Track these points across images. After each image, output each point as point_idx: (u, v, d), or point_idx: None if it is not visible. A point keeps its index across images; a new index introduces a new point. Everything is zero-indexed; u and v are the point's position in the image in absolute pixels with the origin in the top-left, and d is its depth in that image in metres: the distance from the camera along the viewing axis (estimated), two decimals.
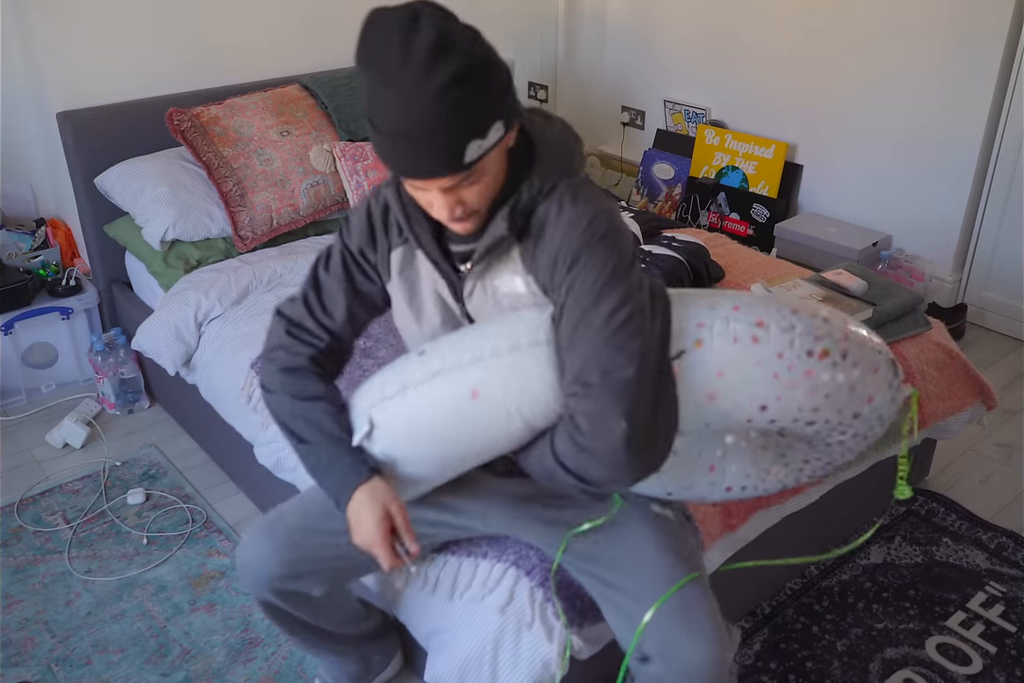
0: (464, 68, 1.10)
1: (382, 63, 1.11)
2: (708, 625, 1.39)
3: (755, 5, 3.58)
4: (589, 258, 1.22)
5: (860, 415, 1.34)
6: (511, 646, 1.52)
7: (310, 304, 1.45)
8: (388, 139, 1.14)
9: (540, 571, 1.56)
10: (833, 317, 1.34)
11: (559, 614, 1.52)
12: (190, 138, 2.66)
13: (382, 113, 1.12)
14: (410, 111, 1.10)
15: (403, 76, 1.09)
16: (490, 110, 1.14)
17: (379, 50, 1.11)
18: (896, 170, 3.38)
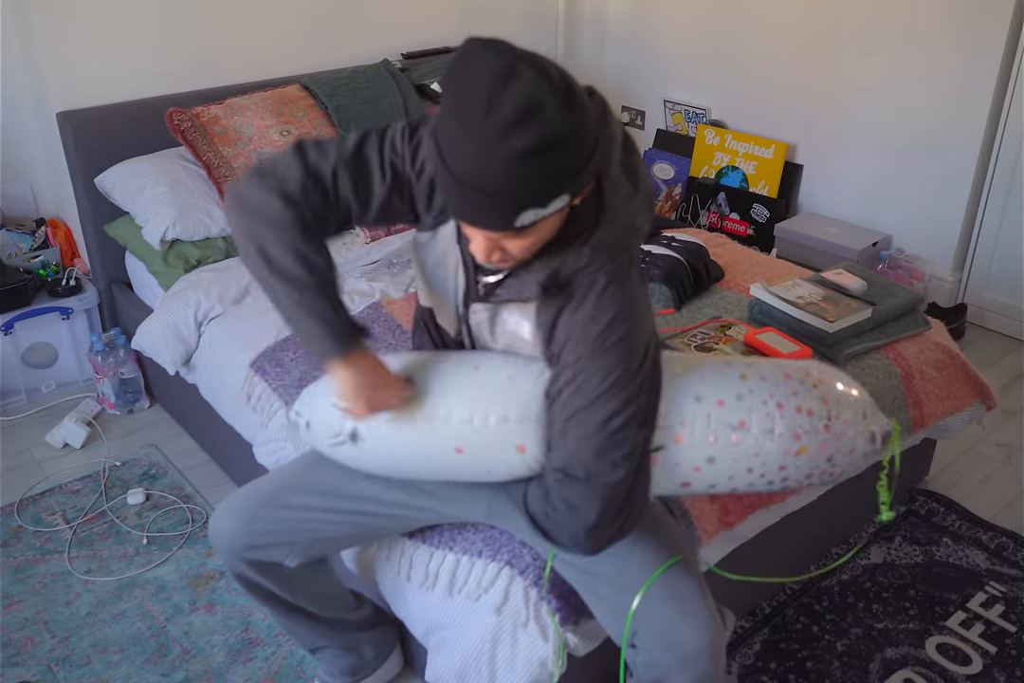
0: (544, 139, 1.05)
1: (466, 110, 1.06)
2: (700, 608, 1.40)
3: (755, 6, 3.58)
4: (599, 359, 1.24)
5: (834, 474, 1.43)
6: (508, 646, 1.53)
7: (345, 166, 1.30)
8: (452, 180, 1.11)
9: (534, 570, 1.56)
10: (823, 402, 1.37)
11: (550, 616, 1.53)
12: (190, 138, 2.66)
13: (453, 156, 1.09)
14: (480, 166, 1.07)
15: (483, 131, 1.05)
16: (559, 185, 1.10)
17: (466, 95, 1.07)
18: (896, 170, 3.38)
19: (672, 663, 1.40)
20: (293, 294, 1.29)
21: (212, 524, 1.58)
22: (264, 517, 1.55)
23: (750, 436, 1.34)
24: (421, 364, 1.44)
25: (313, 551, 1.59)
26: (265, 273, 1.30)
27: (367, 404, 1.36)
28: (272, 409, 2.07)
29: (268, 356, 2.17)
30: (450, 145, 1.09)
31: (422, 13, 3.44)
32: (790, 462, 1.36)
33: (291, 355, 2.15)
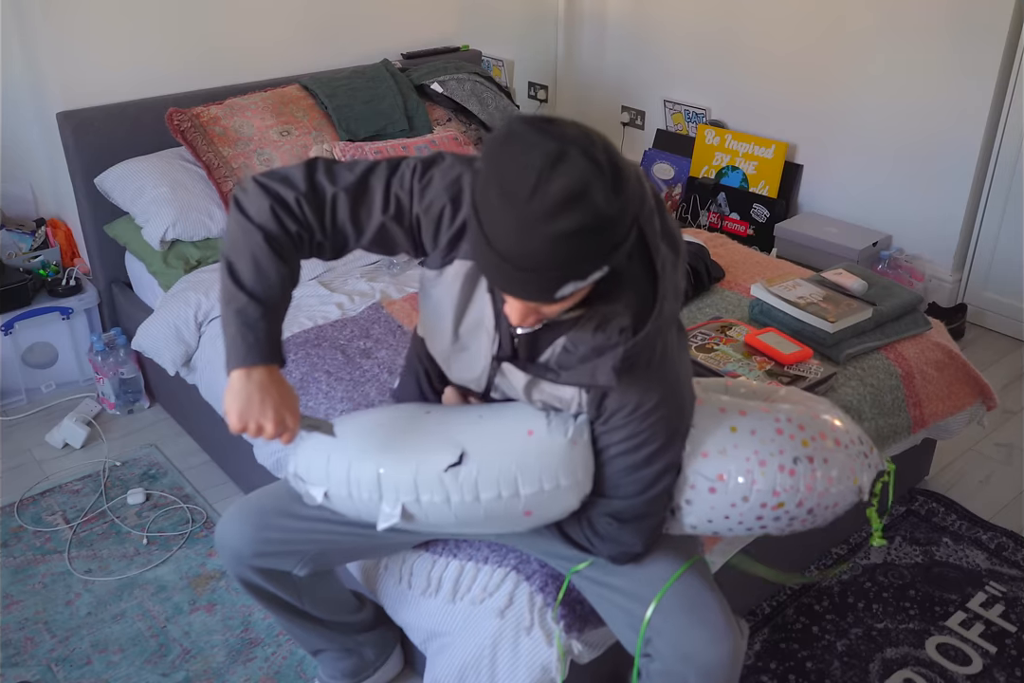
0: (589, 222, 1.05)
1: (512, 189, 1.05)
2: (717, 618, 1.40)
3: (755, 6, 3.58)
4: (654, 426, 1.33)
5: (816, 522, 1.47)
6: (510, 650, 1.52)
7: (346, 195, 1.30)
8: (493, 254, 1.10)
9: (540, 576, 1.56)
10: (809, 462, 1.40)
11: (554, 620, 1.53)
12: (190, 138, 2.66)
13: (495, 231, 1.08)
14: (522, 244, 1.07)
15: (528, 211, 1.04)
16: (600, 261, 1.10)
17: (513, 174, 1.05)
18: (896, 170, 3.38)
19: (689, 674, 1.39)
20: (236, 298, 1.28)
21: (220, 530, 1.56)
22: (274, 526, 1.53)
23: (727, 490, 1.40)
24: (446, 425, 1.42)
25: (323, 561, 1.59)
26: (224, 269, 1.31)
27: (243, 421, 1.29)
28: None
29: None
30: (492, 220, 1.08)
31: (422, 13, 3.44)
32: (767, 514, 1.41)
33: (292, 356, 2.15)
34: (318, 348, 2.16)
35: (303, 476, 1.47)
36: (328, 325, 2.27)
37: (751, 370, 1.99)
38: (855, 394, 2.05)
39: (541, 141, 1.05)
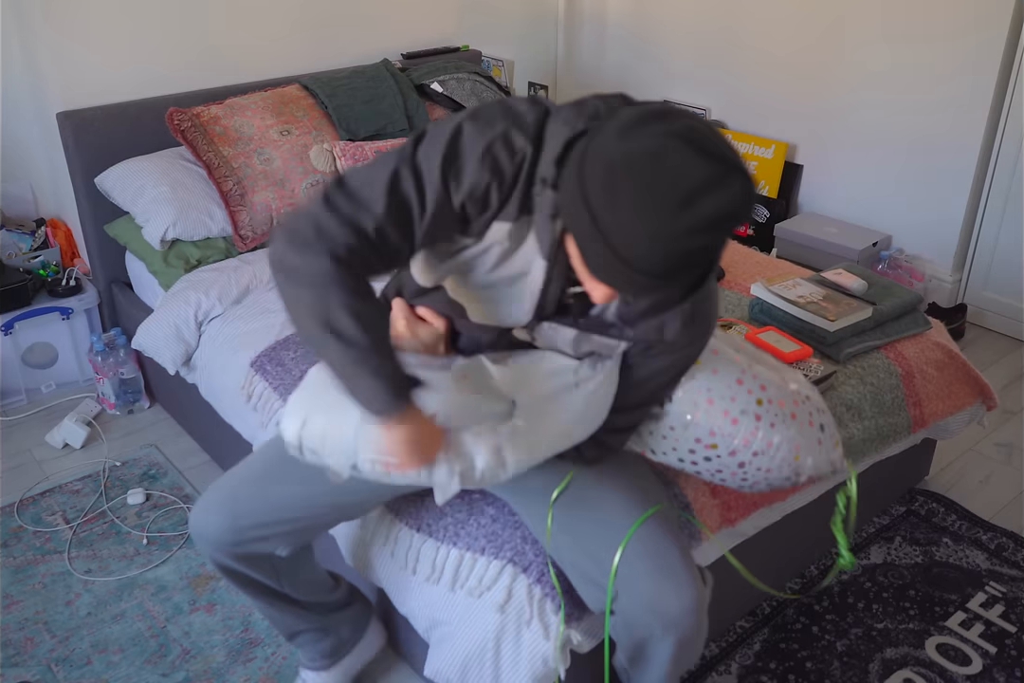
0: (725, 241, 1.08)
1: (660, 200, 1.02)
2: (679, 568, 1.42)
3: (755, 6, 3.58)
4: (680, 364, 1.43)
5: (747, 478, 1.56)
6: (512, 644, 1.53)
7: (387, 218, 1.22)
8: (615, 258, 1.07)
9: (536, 567, 1.56)
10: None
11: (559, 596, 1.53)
12: (190, 138, 2.66)
13: (625, 237, 1.05)
14: (655, 255, 1.05)
15: (673, 223, 1.02)
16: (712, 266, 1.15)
17: (664, 186, 1.02)
18: (896, 170, 3.38)
19: (654, 625, 1.41)
20: (351, 353, 1.22)
21: (193, 521, 1.56)
22: (251, 512, 1.53)
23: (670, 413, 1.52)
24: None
25: (304, 536, 1.59)
26: (318, 335, 1.23)
27: (420, 460, 1.29)
28: (272, 409, 2.07)
29: (269, 355, 2.17)
30: (621, 225, 1.04)
31: (422, 13, 3.44)
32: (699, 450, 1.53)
33: (292, 354, 2.15)
34: None
35: (314, 448, 1.36)
36: None
37: None
38: (855, 393, 2.05)
39: (704, 160, 1.03)
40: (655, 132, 1.03)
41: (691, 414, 1.48)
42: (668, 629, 1.41)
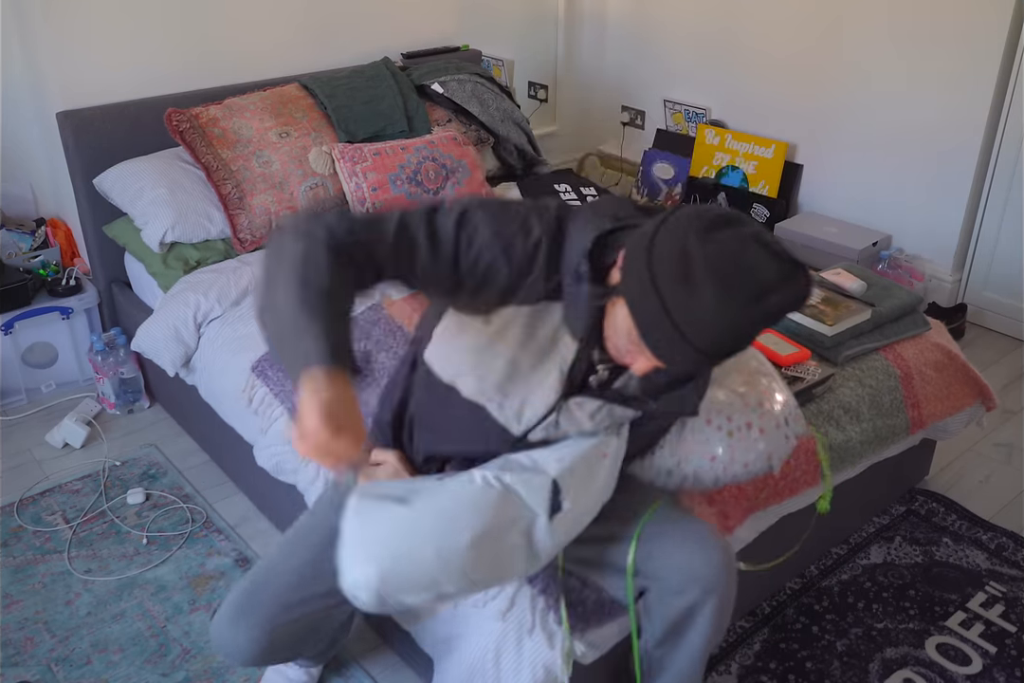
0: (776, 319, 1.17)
1: (736, 292, 1.11)
2: (704, 530, 1.49)
3: (755, 6, 3.58)
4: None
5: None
6: (513, 652, 1.52)
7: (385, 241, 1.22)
8: (681, 340, 1.14)
9: (542, 578, 1.56)
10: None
11: (562, 616, 1.53)
12: (189, 140, 2.66)
13: (698, 324, 1.13)
14: (724, 338, 1.14)
15: (746, 315, 1.13)
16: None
17: (739, 280, 1.11)
18: (896, 170, 3.38)
19: (693, 590, 1.44)
20: (307, 306, 1.15)
21: (216, 638, 1.48)
22: (274, 629, 1.46)
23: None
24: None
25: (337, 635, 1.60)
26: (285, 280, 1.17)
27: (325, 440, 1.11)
28: (273, 415, 2.06)
29: (269, 359, 2.16)
30: (695, 312, 1.12)
31: (422, 13, 3.44)
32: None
33: None
34: None
35: (392, 592, 1.27)
36: None
37: None
38: (853, 395, 2.05)
39: (776, 260, 1.13)
40: (734, 235, 1.13)
41: (673, 467, 1.62)
42: (708, 592, 1.45)
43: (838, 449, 1.98)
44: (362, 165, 2.75)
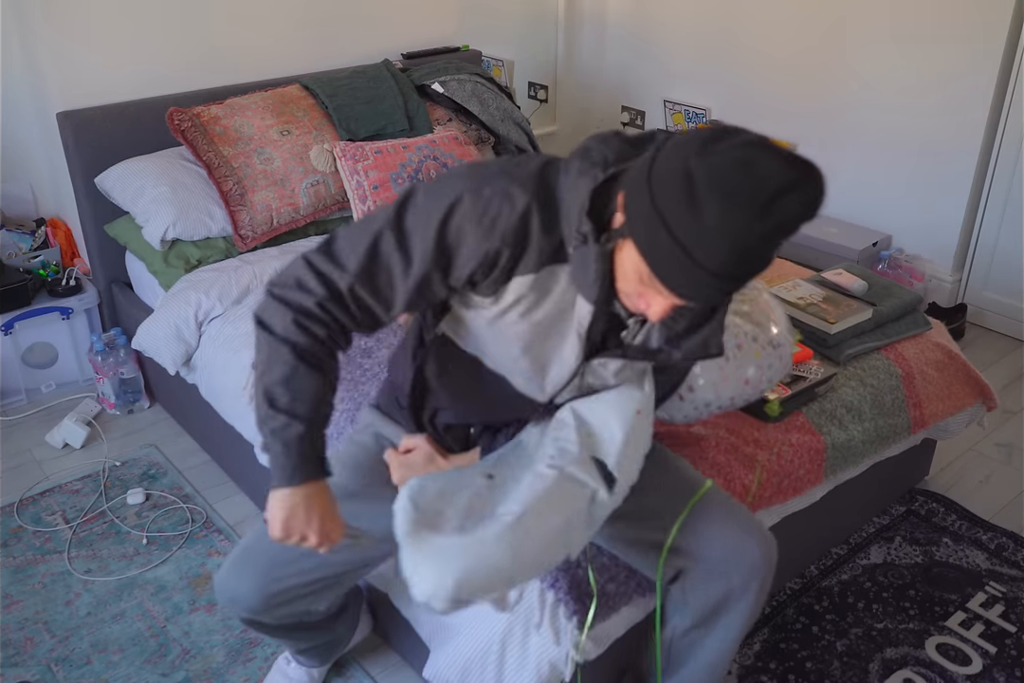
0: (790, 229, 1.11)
1: (743, 206, 1.05)
2: (748, 517, 1.48)
3: (755, 6, 3.58)
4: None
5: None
6: (519, 646, 1.51)
7: (360, 280, 1.25)
8: (692, 264, 1.08)
9: (551, 573, 1.55)
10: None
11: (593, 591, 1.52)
12: (190, 138, 2.66)
13: (707, 243, 1.07)
14: (735, 256, 1.08)
15: (755, 229, 1.06)
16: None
17: (746, 193, 1.05)
18: (896, 170, 3.38)
19: (733, 576, 1.43)
20: (276, 418, 1.28)
21: (221, 585, 1.49)
22: (289, 573, 1.47)
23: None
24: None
25: (340, 589, 1.56)
26: (259, 391, 1.30)
27: (283, 530, 1.31)
28: None
29: None
30: (705, 233, 1.06)
31: (422, 13, 3.44)
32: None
33: None
34: None
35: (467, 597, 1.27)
36: None
37: None
38: (855, 394, 2.05)
39: (781, 165, 1.08)
40: (734, 144, 1.07)
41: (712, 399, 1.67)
42: (751, 577, 1.43)
43: (840, 448, 1.98)
44: (363, 163, 2.75)
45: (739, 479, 1.80)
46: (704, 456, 1.80)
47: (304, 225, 2.77)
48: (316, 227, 2.82)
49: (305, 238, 2.78)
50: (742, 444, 1.86)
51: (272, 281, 1.31)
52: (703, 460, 1.79)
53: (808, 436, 1.94)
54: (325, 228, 2.83)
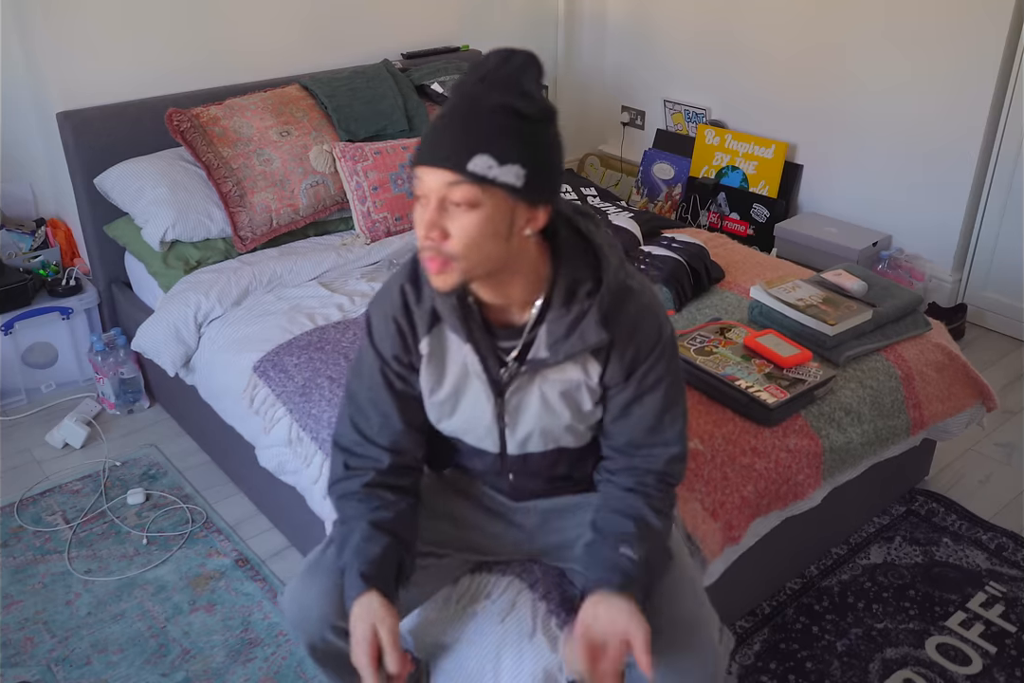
0: (513, 103, 1.19)
1: (464, 79, 1.22)
2: (707, 640, 1.40)
3: (755, 6, 3.58)
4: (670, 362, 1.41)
5: None
6: (514, 657, 1.49)
7: (359, 426, 1.47)
8: (429, 129, 1.23)
9: (543, 584, 1.55)
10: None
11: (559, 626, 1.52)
12: (190, 138, 2.66)
13: (441, 110, 1.22)
14: (457, 109, 1.20)
15: (473, 89, 1.21)
16: (515, 147, 1.20)
17: (469, 74, 1.22)
18: (896, 170, 3.38)
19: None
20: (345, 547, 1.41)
21: (295, 599, 1.45)
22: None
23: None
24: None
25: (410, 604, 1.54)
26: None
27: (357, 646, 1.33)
28: (275, 417, 2.06)
29: (271, 360, 2.16)
30: (442, 108, 1.23)
31: (422, 13, 3.44)
32: None
33: (295, 360, 2.14)
34: (320, 352, 2.16)
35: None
36: (330, 326, 2.26)
37: (750, 373, 1.99)
38: (854, 396, 2.05)
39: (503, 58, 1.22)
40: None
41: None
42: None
43: (839, 451, 1.98)
44: (363, 164, 2.75)
45: (737, 492, 1.80)
46: (700, 473, 1.79)
47: (304, 226, 2.78)
48: (315, 228, 2.82)
49: (304, 239, 2.78)
50: (739, 454, 1.85)
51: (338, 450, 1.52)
52: (698, 478, 1.78)
53: (806, 440, 1.93)
54: (325, 229, 2.83)
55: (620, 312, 1.35)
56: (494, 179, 1.18)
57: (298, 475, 1.99)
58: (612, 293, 1.33)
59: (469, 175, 1.18)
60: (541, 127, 1.22)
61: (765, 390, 1.93)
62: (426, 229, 1.22)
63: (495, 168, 1.18)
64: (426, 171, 1.21)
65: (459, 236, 1.21)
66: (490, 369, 1.39)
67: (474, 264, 1.24)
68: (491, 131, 1.18)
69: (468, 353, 1.39)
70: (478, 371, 1.39)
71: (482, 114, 1.19)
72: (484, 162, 1.18)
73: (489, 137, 1.18)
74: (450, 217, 1.21)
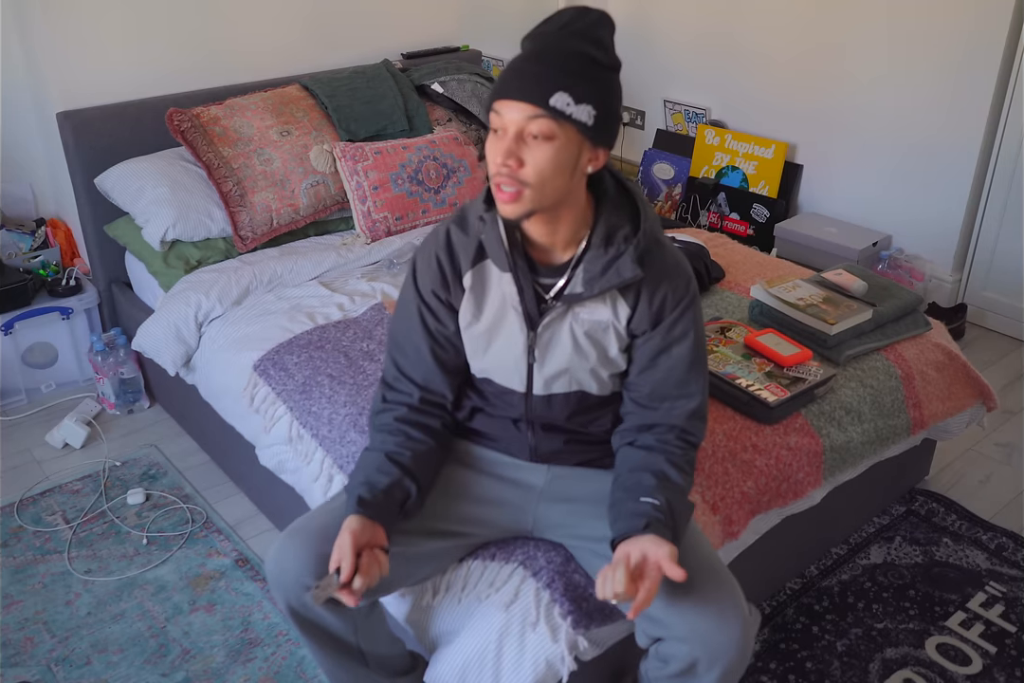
0: (591, 52, 1.30)
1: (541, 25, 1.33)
2: (729, 599, 1.42)
3: (755, 6, 3.58)
4: (694, 318, 1.49)
5: None
6: (516, 645, 1.50)
7: (397, 362, 1.58)
8: (509, 66, 1.32)
9: (547, 572, 1.55)
10: None
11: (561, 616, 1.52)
12: (190, 138, 2.66)
13: (521, 49, 1.33)
14: (538, 45, 1.31)
15: (550, 31, 1.32)
16: (593, 86, 1.31)
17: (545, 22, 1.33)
18: (896, 170, 3.38)
19: (699, 654, 1.41)
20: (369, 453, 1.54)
21: (275, 559, 1.49)
22: (330, 538, 1.45)
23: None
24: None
25: (382, 584, 1.52)
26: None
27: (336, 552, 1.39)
28: (276, 415, 2.06)
29: (271, 359, 2.16)
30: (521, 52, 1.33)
31: (422, 13, 3.44)
32: None
33: (295, 359, 2.14)
34: (321, 350, 2.16)
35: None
36: (331, 325, 2.26)
37: (750, 372, 1.99)
38: (855, 395, 2.05)
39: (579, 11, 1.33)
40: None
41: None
42: (714, 661, 1.40)
43: (839, 450, 1.98)
44: (363, 164, 2.75)
45: (737, 487, 1.80)
46: (700, 468, 1.79)
47: (304, 226, 2.77)
48: (316, 228, 2.82)
49: (305, 239, 2.78)
50: (740, 450, 1.86)
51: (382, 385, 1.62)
52: (698, 472, 1.78)
53: (807, 438, 1.93)
54: (325, 229, 2.83)
55: (654, 257, 1.44)
56: (570, 115, 1.29)
57: (298, 473, 1.99)
58: (648, 239, 1.43)
59: (549, 109, 1.28)
60: (612, 76, 1.34)
61: (766, 388, 1.93)
62: (503, 156, 1.32)
63: (572, 106, 1.29)
64: (507, 105, 1.31)
65: (533, 165, 1.31)
66: (526, 301, 1.46)
67: (542, 194, 1.33)
68: (571, 73, 1.29)
69: (507, 284, 1.46)
70: (515, 303, 1.47)
71: (563, 57, 1.30)
72: (563, 99, 1.28)
73: (569, 77, 1.29)
74: (527, 148, 1.31)
